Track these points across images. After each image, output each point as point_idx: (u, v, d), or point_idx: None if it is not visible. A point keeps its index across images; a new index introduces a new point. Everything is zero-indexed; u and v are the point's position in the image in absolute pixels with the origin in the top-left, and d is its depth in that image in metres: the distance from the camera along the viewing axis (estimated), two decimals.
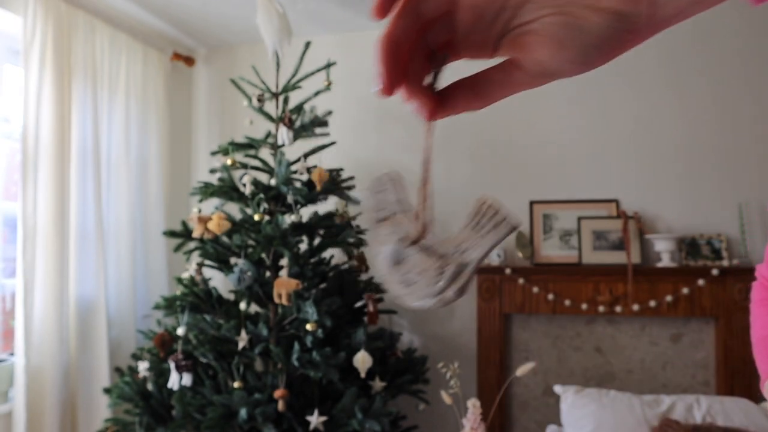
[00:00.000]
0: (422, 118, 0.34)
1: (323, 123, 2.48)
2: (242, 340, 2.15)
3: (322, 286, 2.37)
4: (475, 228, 0.33)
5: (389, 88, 0.32)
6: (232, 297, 2.51)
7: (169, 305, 2.28)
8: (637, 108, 2.82)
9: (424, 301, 0.34)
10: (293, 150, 2.99)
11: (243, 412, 2.02)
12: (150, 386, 2.23)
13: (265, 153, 3.06)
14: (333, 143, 2.55)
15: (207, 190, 2.37)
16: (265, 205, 2.34)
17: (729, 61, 2.73)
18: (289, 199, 2.34)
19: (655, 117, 2.80)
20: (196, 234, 2.28)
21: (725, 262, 2.58)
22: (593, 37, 0.30)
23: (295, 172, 2.39)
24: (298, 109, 2.48)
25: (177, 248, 2.42)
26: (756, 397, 2.50)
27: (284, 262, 2.35)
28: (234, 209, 3.00)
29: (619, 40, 0.30)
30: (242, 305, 2.22)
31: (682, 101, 2.77)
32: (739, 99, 2.71)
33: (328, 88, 2.51)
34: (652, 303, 2.61)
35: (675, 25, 0.30)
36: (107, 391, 2.34)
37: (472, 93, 0.35)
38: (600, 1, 0.29)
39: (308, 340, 2.09)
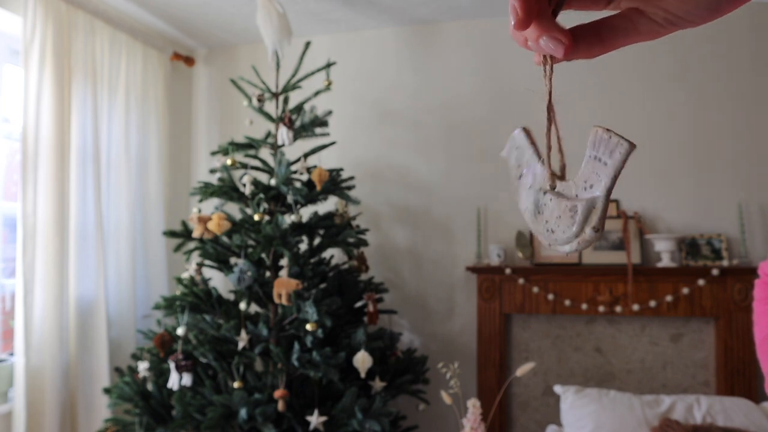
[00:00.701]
0: (557, 54, 0.32)
1: (323, 123, 2.48)
2: (242, 340, 2.15)
3: (322, 286, 2.37)
4: (594, 160, 0.33)
5: (526, 22, 0.31)
6: (232, 297, 2.51)
7: (169, 305, 2.28)
8: (636, 108, 2.82)
9: (567, 246, 0.34)
10: (293, 150, 3.00)
11: (243, 412, 2.02)
12: (150, 386, 2.23)
13: (265, 153, 3.06)
14: (333, 143, 2.55)
15: (207, 190, 2.37)
16: (265, 205, 2.34)
17: (728, 61, 2.73)
18: (289, 199, 2.34)
19: (655, 117, 2.80)
20: (196, 234, 2.28)
21: (725, 262, 2.58)
22: None
23: (295, 172, 2.39)
24: (298, 109, 2.48)
25: (177, 248, 2.42)
26: (756, 397, 2.50)
27: (284, 262, 2.35)
28: (234, 209, 3.00)
29: None
30: (242, 305, 2.21)
31: (682, 101, 2.77)
32: (739, 99, 2.71)
33: (328, 88, 2.51)
34: (652, 303, 2.61)
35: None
36: (107, 391, 2.34)
37: (594, 38, 0.33)
38: None
39: (308, 340, 2.09)
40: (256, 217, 2.25)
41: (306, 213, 2.92)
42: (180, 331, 2.21)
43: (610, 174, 0.32)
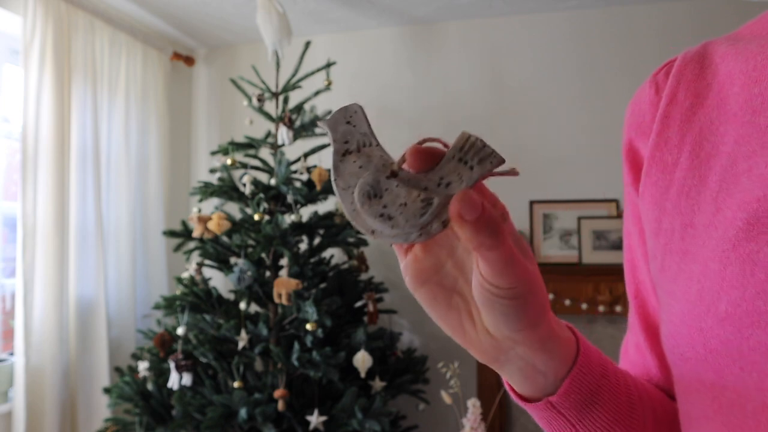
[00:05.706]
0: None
1: None
2: (242, 340, 2.15)
3: (322, 286, 2.37)
4: (459, 161, 0.33)
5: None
6: (232, 297, 2.51)
7: (169, 305, 2.28)
8: None
9: (406, 235, 0.33)
10: (293, 150, 2.99)
11: (243, 412, 2.02)
12: (150, 386, 2.23)
13: (265, 153, 3.06)
14: None
15: (207, 190, 2.37)
16: (265, 205, 2.34)
17: None
18: (289, 198, 2.34)
19: None
20: (196, 234, 2.28)
21: None
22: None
23: (295, 171, 2.39)
24: (298, 108, 2.48)
25: (177, 248, 2.41)
26: None
27: (284, 262, 2.35)
28: (234, 209, 3.00)
29: None
30: (242, 305, 2.21)
31: None
32: None
33: (328, 87, 2.51)
34: None
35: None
36: (107, 391, 2.34)
37: (444, 298, 0.46)
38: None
39: (308, 340, 2.09)
40: (256, 217, 2.25)
41: (306, 213, 2.92)
42: (180, 331, 2.21)
43: (473, 178, 0.33)
